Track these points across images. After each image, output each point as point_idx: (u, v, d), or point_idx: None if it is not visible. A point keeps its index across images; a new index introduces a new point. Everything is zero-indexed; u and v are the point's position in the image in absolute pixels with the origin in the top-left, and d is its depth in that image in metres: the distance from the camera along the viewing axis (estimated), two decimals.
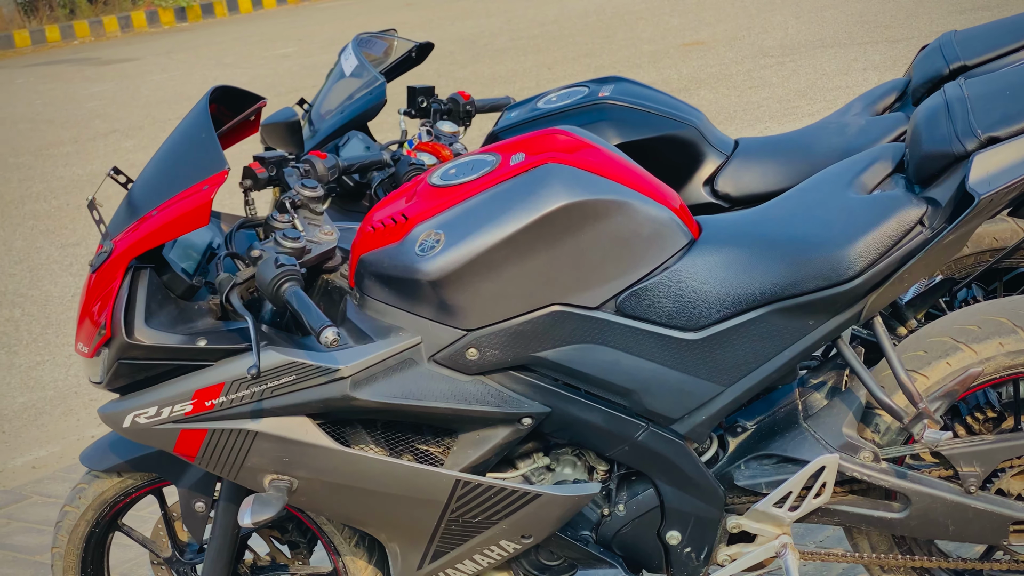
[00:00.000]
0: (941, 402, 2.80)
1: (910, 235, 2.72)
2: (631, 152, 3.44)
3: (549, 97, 3.73)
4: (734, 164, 3.61)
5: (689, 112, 3.67)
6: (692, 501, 2.89)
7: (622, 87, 3.68)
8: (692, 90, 10.66)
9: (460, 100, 3.93)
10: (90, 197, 2.84)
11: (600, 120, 3.56)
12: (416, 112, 3.98)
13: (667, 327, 2.77)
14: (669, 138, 3.57)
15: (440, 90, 4.39)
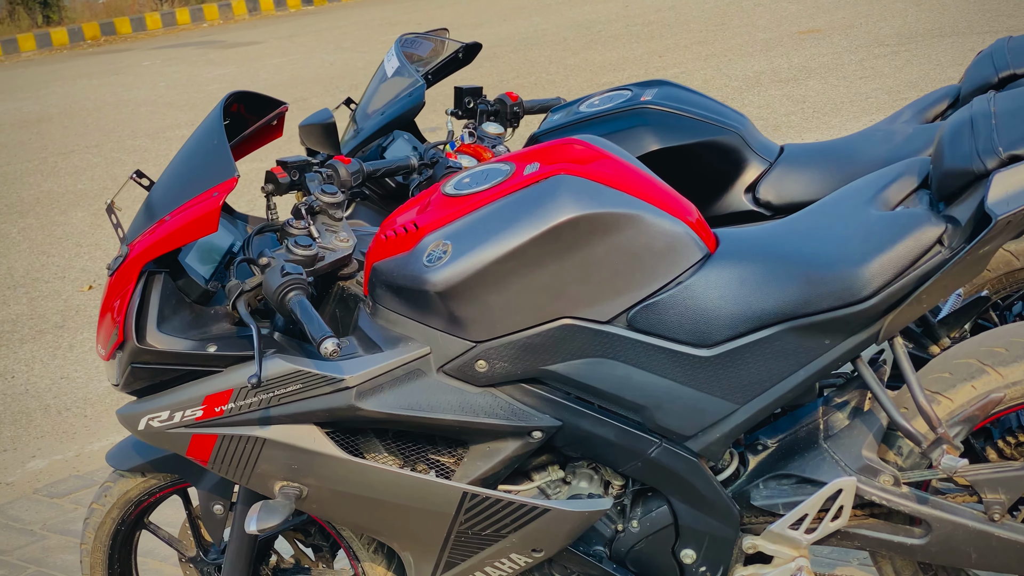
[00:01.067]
0: (961, 427, 2.71)
1: (928, 255, 2.64)
2: (671, 158, 3.40)
3: (592, 100, 3.69)
4: (777, 171, 3.53)
5: (733, 118, 3.60)
6: (706, 520, 2.84)
7: (666, 91, 3.63)
8: (800, 80, 10.50)
9: (508, 101, 3.90)
10: (109, 200, 2.86)
11: (640, 125, 3.51)
12: (463, 113, 3.95)
13: (679, 343, 2.72)
14: (710, 144, 3.50)
15: (553, 77, 4.36)
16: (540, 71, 12.42)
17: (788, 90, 10.25)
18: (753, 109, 9.79)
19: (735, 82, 10.81)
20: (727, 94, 10.35)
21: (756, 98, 10.14)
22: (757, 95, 10.25)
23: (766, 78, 10.81)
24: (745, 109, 9.74)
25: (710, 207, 3.51)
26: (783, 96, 10.07)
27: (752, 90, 10.44)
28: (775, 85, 10.50)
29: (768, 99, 10.05)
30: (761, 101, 10.04)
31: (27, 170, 11.11)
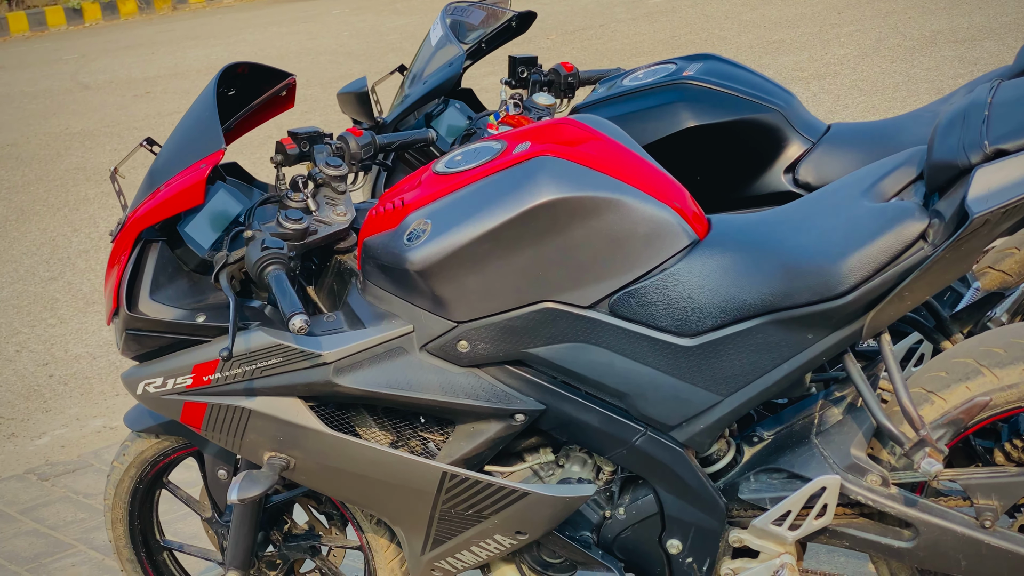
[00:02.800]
0: (945, 430, 2.61)
1: (911, 250, 2.54)
2: (708, 135, 3.33)
3: (636, 74, 3.62)
4: (819, 151, 3.42)
5: (776, 95, 3.49)
6: (692, 511, 2.79)
7: (710, 66, 3.54)
8: (977, 40, 10.12)
9: (562, 71, 3.86)
10: (112, 167, 2.92)
11: (677, 101, 3.43)
12: (516, 82, 3.92)
13: (661, 331, 2.67)
14: (750, 122, 3.41)
15: (725, 34, 4.30)
16: (714, 26, 12.24)
17: (962, 51, 9.91)
18: (920, 71, 9.49)
19: (909, 41, 10.49)
20: (897, 54, 10.06)
21: (926, 59, 9.83)
22: (928, 56, 9.93)
23: (942, 38, 10.46)
24: (912, 72, 9.46)
25: (748, 187, 3.42)
26: (955, 58, 9.74)
27: (924, 50, 10.12)
28: (950, 46, 10.15)
29: (939, 60, 9.73)
30: (931, 63, 9.72)
31: None
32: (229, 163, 3.13)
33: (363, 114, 3.64)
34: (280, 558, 3.21)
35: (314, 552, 3.21)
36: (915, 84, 9.13)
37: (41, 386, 5.87)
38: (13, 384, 5.93)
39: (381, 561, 3.09)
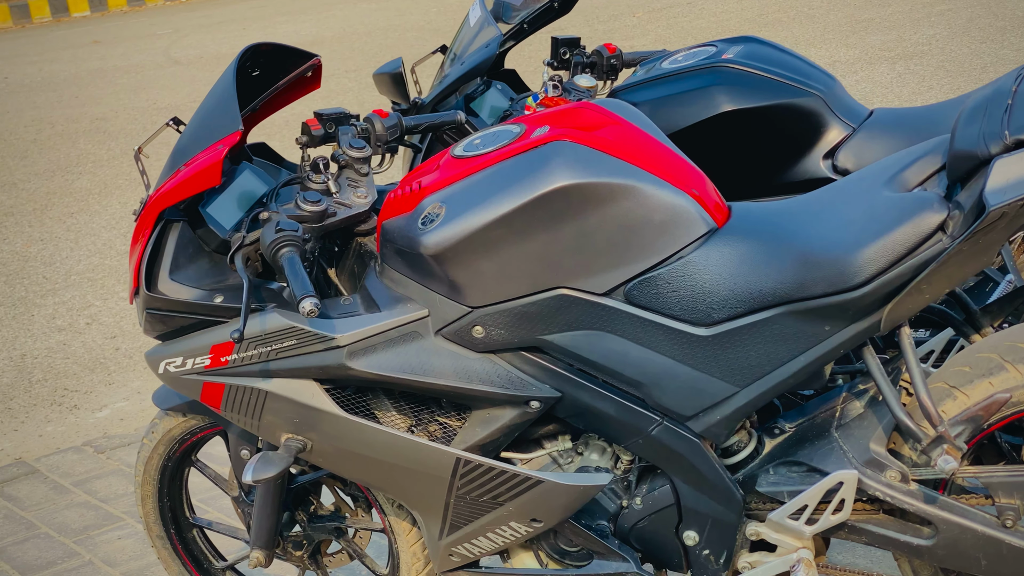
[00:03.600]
0: (964, 427, 2.55)
1: (928, 243, 2.47)
2: (745, 120, 3.28)
3: (676, 56, 3.56)
4: (859, 137, 3.34)
5: (818, 79, 3.42)
6: (708, 502, 2.75)
7: (751, 49, 3.47)
8: None
9: (605, 53, 3.81)
10: (136, 147, 2.93)
11: (714, 84, 3.37)
12: (558, 64, 3.87)
13: (677, 320, 2.63)
14: (788, 106, 3.34)
15: (819, 6, 4.22)
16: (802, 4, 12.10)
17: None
18: (1011, 52, 9.30)
19: (1001, 21, 10.30)
20: (988, 34, 9.85)
21: (1017, 40, 9.63)
22: (1020, 37, 9.72)
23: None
24: (1001, 52, 9.25)
25: (786, 173, 3.36)
26: None
27: (1017, 31, 9.91)
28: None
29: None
30: (1022, 44, 9.52)
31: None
32: (258, 143, 3.13)
33: (398, 95, 3.62)
34: (305, 538, 3.21)
35: (339, 533, 3.21)
36: (1004, 66, 8.95)
37: (107, 359, 5.95)
38: (81, 356, 6.01)
39: (403, 544, 3.08)
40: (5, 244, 7.78)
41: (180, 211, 2.84)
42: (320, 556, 3.29)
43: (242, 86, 2.91)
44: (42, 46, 15.60)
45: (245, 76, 2.91)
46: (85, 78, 13.12)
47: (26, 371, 5.87)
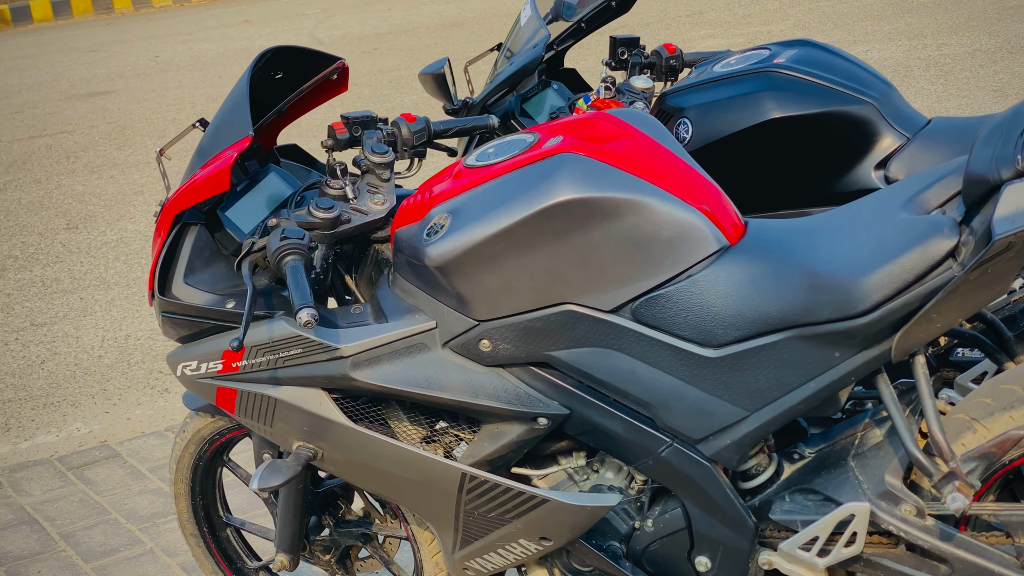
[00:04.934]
0: (977, 464, 2.42)
1: (937, 270, 2.34)
2: (793, 127, 3.17)
3: (729, 60, 3.44)
4: (912, 148, 3.20)
5: (872, 86, 3.27)
6: (720, 528, 2.66)
7: (804, 53, 3.33)
8: None
9: (664, 53, 3.70)
10: (159, 148, 2.92)
11: (763, 90, 3.25)
12: (616, 64, 3.78)
13: (685, 340, 2.54)
14: (838, 114, 3.20)
15: None
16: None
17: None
18: None
19: None
20: None
21: None
22: None
23: None
24: None
25: (836, 183, 3.22)
26: None
27: None
28: None
29: None
30: None
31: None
32: (289, 145, 3.11)
33: (442, 95, 3.57)
34: (332, 543, 3.19)
35: (367, 539, 3.18)
36: None
37: None
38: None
39: (426, 554, 3.04)
40: (131, 224, 7.90)
41: (201, 214, 2.83)
42: (350, 561, 3.26)
43: (265, 89, 2.89)
44: (195, 25, 15.87)
45: (268, 79, 2.89)
46: (231, 58, 13.30)
47: (127, 352, 5.96)
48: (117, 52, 14.26)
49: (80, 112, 11.02)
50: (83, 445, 4.99)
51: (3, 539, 4.33)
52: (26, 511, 4.50)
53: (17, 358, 5.98)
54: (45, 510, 4.50)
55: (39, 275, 7.07)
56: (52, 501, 4.56)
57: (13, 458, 4.96)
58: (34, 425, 5.25)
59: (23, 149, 9.89)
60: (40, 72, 13.15)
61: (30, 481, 4.73)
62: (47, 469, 4.81)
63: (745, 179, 3.27)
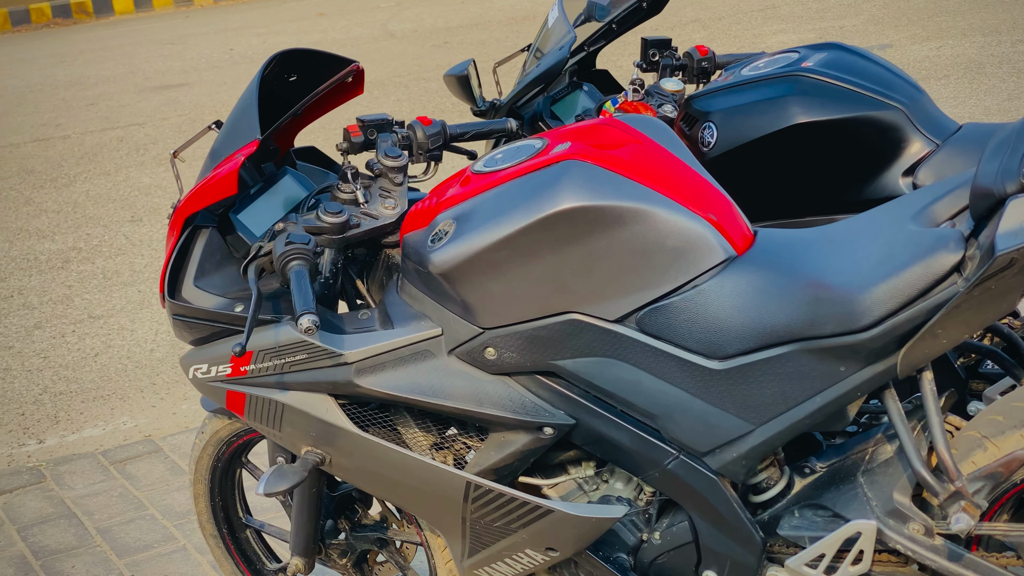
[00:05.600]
0: (984, 483, 2.36)
1: (942, 285, 2.28)
2: (819, 133, 3.10)
3: (757, 63, 3.37)
4: (942, 154, 3.11)
5: (901, 91, 3.19)
6: (727, 542, 2.61)
7: (833, 57, 3.26)
8: None
9: (696, 55, 3.64)
10: (173, 150, 2.92)
11: (788, 94, 3.18)
12: (647, 65, 3.72)
13: (690, 352, 2.50)
14: (865, 119, 3.13)
15: None
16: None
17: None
18: None
19: None
20: None
21: None
22: None
23: None
24: None
25: (862, 190, 3.15)
26: None
27: None
28: None
29: None
30: None
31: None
32: (307, 147, 3.09)
33: (465, 97, 3.53)
34: (348, 547, 3.18)
35: (383, 544, 3.16)
36: None
37: None
38: None
39: (439, 560, 3.02)
40: None
41: (214, 216, 2.82)
42: (367, 565, 3.25)
43: (281, 92, 2.87)
44: (272, 18, 15.93)
45: (283, 82, 2.87)
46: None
47: (178, 346, 5.98)
48: (193, 45, 14.35)
49: (153, 105, 11.09)
50: (127, 439, 5.02)
51: (42, 533, 4.37)
52: (66, 505, 4.54)
53: (72, 350, 6.03)
54: (85, 504, 4.53)
55: (100, 267, 7.12)
56: (92, 495, 4.59)
57: (60, 451, 5.00)
58: (83, 418, 5.29)
59: (95, 141, 9.98)
60: (117, 64, 13.27)
61: (73, 475, 4.77)
62: (90, 463, 4.85)
63: (770, 185, 3.21)
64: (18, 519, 4.48)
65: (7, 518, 4.49)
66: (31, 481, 4.75)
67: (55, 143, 10.03)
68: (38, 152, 9.79)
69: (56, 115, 11.07)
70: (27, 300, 6.74)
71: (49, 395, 5.56)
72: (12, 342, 6.21)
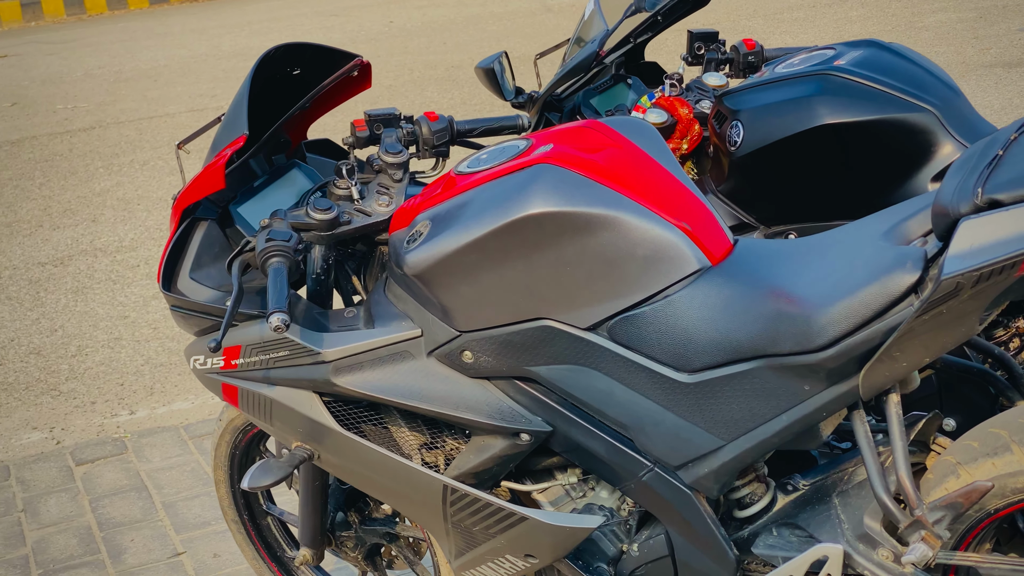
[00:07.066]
0: (945, 513, 2.25)
1: (899, 306, 2.18)
2: (846, 134, 3.00)
3: (792, 60, 3.26)
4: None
5: (935, 93, 3.04)
6: (702, 558, 2.55)
7: (868, 55, 3.12)
8: None
9: (742, 49, 3.54)
10: (178, 142, 2.94)
11: (817, 94, 3.06)
12: (692, 59, 3.62)
13: (659, 363, 2.44)
14: (893, 121, 3.00)
15: None
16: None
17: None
18: None
19: None
20: None
21: None
22: None
23: None
24: None
25: (891, 194, 3.02)
26: None
27: None
28: None
29: None
30: None
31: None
32: (320, 140, 3.09)
33: (494, 90, 3.48)
34: (358, 540, 3.18)
35: (391, 539, 3.15)
36: None
37: None
38: None
39: (442, 559, 3.00)
40: None
41: (215, 208, 2.83)
42: (379, 558, 3.24)
43: (284, 86, 2.87)
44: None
45: (285, 76, 2.87)
46: (460, 24, 13.41)
47: None
48: (355, 17, 14.52)
49: None
50: (212, 414, 5.10)
51: (112, 505, 4.46)
52: (140, 477, 4.63)
53: None
54: (157, 478, 4.62)
55: None
56: (166, 469, 4.68)
57: (147, 423, 5.11)
58: (176, 391, 5.39)
59: None
60: (281, 36, 13.48)
61: (153, 448, 4.86)
62: (171, 436, 4.94)
63: (796, 187, 3.11)
64: (93, 490, 4.58)
65: (83, 488, 4.60)
66: (113, 452, 4.85)
67: (208, 114, 10.22)
68: (190, 122, 9.99)
69: (214, 86, 11.29)
70: (151, 271, 6.89)
71: (150, 366, 5.68)
72: (128, 311, 6.36)
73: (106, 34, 14.63)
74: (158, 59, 12.79)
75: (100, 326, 6.17)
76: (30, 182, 8.73)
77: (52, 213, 8.02)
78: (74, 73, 12.35)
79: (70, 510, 4.46)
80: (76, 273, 6.90)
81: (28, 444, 5.00)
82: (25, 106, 11.02)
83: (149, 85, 11.53)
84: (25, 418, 5.24)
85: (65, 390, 5.48)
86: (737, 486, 2.56)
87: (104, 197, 8.24)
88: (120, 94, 11.26)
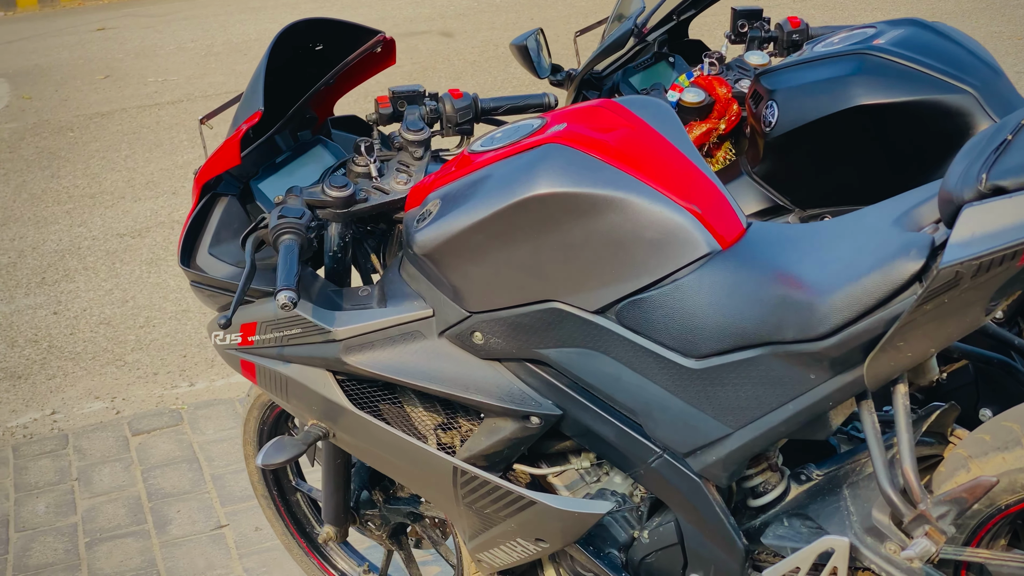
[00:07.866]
0: (949, 508, 2.18)
1: (903, 294, 2.11)
2: (882, 115, 2.92)
3: (832, 39, 3.17)
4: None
5: (976, 74, 2.94)
6: (711, 547, 2.50)
7: (908, 35, 3.03)
8: None
9: (786, 27, 3.45)
10: (201, 116, 2.93)
11: (854, 74, 2.97)
12: (736, 37, 3.54)
13: (667, 348, 2.39)
14: (932, 103, 2.91)
15: None
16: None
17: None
18: None
19: None
20: None
21: None
22: None
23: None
24: None
25: (927, 178, 2.93)
26: None
27: None
28: None
29: None
30: None
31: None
32: (347, 116, 3.07)
33: (529, 67, 3.43)
34: (382, 519, 3.16)
35: (415, 518, 3.13)
36: None
37: None
38: None
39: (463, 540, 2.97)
40: None
41: (237, 184, 2.82)
42: (405, 537, 3.23)
43: (308, 62, 2.85)
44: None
45: (308, 52, 2.85)
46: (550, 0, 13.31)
47: None
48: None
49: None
50: None
51: (163, 475, 4.50)
52: (192, 449, 4.66)
53: None
54: (209, 450, 4.64)
55: None
56: (218, 441, 4.70)
57: (206, 395, 5.13)
58: None
59: None
60: (370, 11, 13.49)
61: (207, 420, 4.88)
62: (226, 409, 4.96)
63: (831, 169, 3.04)
64: (146, 460, 4.62)
65: (137, 459, 4.64)
66: (169, 423, 4.88)
67: None
68: None
69: None
70: None
71: None
72: None
73: (202, 7, 14.72)
74: (250, 33, 12.84)
75: (170, 298, 6.21)
76: (116, 154, 8.81)
77: (135, 185, 8.09)
78: (167, 46, 12.44)
79: (122, 480, 4.49)
80: (152, 245, 6.95)
81: (89, 413, 5.04)
82: (117, 79, 11.12)
83: (239, 59, 11.58)
84: (89, 387, 5.29)
85: (130, 360, 5.52)
86: (750, 475, 2.51)
87: (186, 170, 8.30)
88: (210, 67, 11.32)
